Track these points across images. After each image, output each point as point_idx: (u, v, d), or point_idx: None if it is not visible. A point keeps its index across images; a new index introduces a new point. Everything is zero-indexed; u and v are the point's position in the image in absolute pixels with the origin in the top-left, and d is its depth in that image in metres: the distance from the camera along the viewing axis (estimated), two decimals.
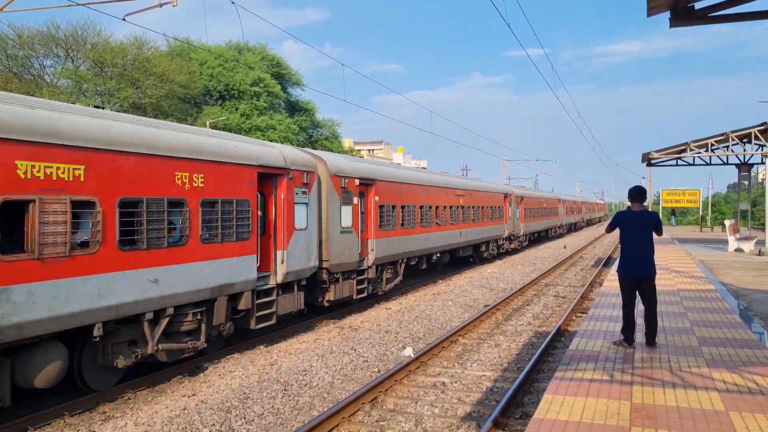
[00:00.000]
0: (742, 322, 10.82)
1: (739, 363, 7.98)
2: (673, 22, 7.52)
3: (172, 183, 9.89)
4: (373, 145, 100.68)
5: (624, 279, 8.96)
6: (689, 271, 19.19)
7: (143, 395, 9.75)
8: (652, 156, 33.72)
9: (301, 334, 14.04)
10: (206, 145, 10.79)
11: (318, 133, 54.72)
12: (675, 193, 53.67)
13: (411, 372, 10.65)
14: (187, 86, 41.40)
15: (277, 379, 10.03)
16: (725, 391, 6.74)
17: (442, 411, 8.78)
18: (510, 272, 25.90)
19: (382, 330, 13.87)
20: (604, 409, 6.11)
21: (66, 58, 38.51)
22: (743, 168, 34.10)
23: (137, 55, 39.45)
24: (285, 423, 8.32)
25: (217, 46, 48.73)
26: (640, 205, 9.03)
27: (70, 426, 8.38)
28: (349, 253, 15.62)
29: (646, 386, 6.90)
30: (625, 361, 8.13)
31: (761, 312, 12.49)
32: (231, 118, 43.05)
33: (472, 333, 14.00)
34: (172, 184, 9.89)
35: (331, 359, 11.35)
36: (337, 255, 15.04)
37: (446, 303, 17.66)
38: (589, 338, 9.53)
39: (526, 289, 20.75)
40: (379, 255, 17.51)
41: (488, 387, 9.91)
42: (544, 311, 16.86)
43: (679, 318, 11.16)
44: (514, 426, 8.05)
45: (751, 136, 30.84)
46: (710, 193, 76.46)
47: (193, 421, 8.07)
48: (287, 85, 52.33)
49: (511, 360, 11.59)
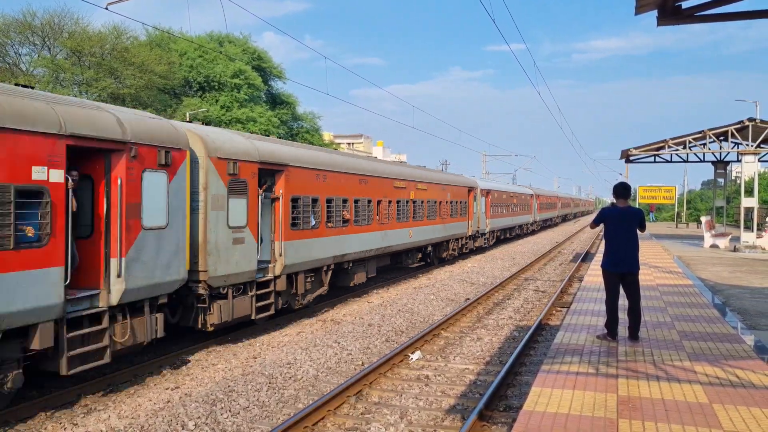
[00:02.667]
0: (720, 317, 11.01)
1: (720, 356, 8.12)
2: (660, 20, 7.57)
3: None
4: (353, 139, 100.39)
5: (609, 273, 9.06)
6: (667, 266, 19.47)
7: (125, 388, 9.65)
8: (631, 152, 34.09)
9: (284, 328, 13.99)
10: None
11: (299, 126, 54.45)
12: (651, 190, 54.31)
13: (395, 365, 10.68)
14: (167, 77, 40.90)
15: (261, 372, 9.99)
16: (708, 384, 6.86)
17: (427, 404, 8.82)
18: (490, 266, 26.06)
19: (365, 323, 13.88)
20: (592, 402, 6.18)
21: (42, 47, 37.83)
22: (719, 165, 34.63)
23: (116, 44, 38.84)
24: (271, 416, 8.30)
25: (198, 36, 48.22)
26: (624, 201, 9.14)
27: (52, 419, 8.28)
28: (241, 261, 11.95)
29: (631, 379, 7.00)
30: (610, 354, 8.23)
31: (738, 307, 12.71)
32: (211, 110, 42.66)
33: (454, 327, 14.06)
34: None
35: (315, 352, 11.34)
36: (221, 263, 11.42)
37: (428, 297, 17.72)
38: (573, 332, 9.63)
39: (506, 284, 20.89)
40: (291, 261, 13.80)
41: (472, 380, 9.97)
42: (524, 305, 16.99)
43: (660, 312, 11.32)
44: (498, 418, 8.11)
45: (728, 134, 31.30)
46: (685, 189, 77.65)
47: (178, 414, 8.01)
48: (268, 77, 51.97)
49: (494, 353, 11.67)
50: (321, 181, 15.39)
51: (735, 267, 20.28)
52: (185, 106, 41.91)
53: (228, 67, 45.06)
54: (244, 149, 12.30)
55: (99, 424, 7.76)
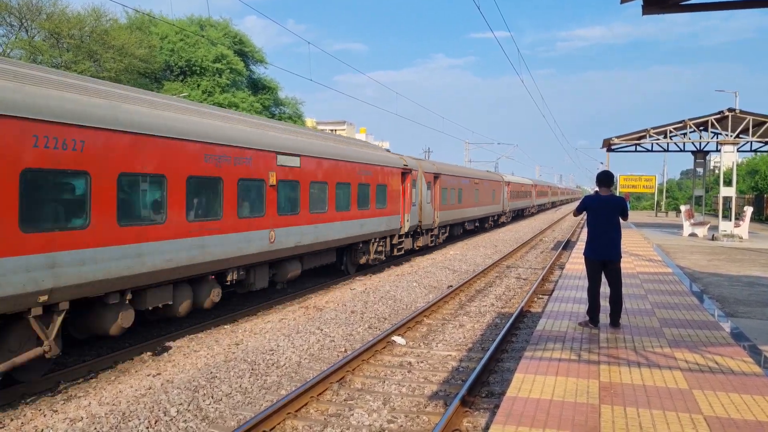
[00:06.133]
0: (699, 304, 11.15)
1: (699, 343, 8.23)
2: (645, 9, 7.57)
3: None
4: (336, 125, 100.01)
5: (590, 261, 9.12)
6: (647, 254, 19.67)
7: (105, 375, 9.57)
8: (613, 141, 34.29)
9: (265, 314, 13.94)
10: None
11: (281, 112, 54.10)
12: (632, 179, 54.71)
13: (378, 352, 10.69)
14: (147, 60, 40.40)
15: (243, 359, 9.95)
16: (687, 370, 6.95)
17: (410, 390, 8.85)
18: (472, 254, 26.16)
19: (347, 310, 13.87)
20: (574, 388, 6.23)
21: (20, 28, 37.12)
22: (699, 155, 34.96)
23: (95, 26, 38.24)
24: (253, 402, 8.28)
25: (178, 20, 47.60)
26: (607, 189, 9.19)
27: (31, 405, 8.19)
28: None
29: (612, 365, 7.07)
30: (591, 341, 8.31)
31: (717, 294, 12.88)
32: (192, 95, 42.20)
33: (437, 314, 14.11)
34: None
35: (297, 339, 11.31)
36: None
37: (411, 284, 17.74)
38: (555, 319, 9.70)
39: (488, 271, 20.98)
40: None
41: (454, 366, 10.01)
42: (506, 293, 17.09)
43: (640, 300, 11.43)
44: (480, 404, 8.15)
45: (708, 124, 31.59)
46: (665, 179, 78.45)
47: (160, 401, 7.95)
48: (250, 62, 51.51)
49: (476, 340, 11.72)
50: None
51: (713, 255, 20.54)
52: (166, 90, 41.42)
53: (210, 51, 44.60)
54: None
55: (80, 411, 7.68)
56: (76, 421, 7.35)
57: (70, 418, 7.45)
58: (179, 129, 10.87)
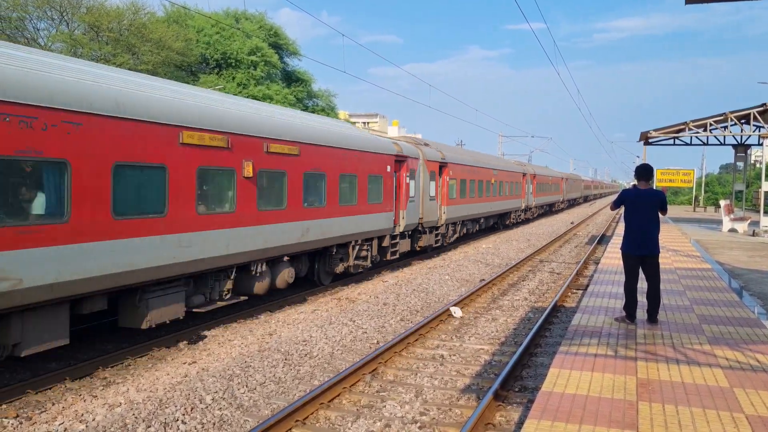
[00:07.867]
0: (740, 301, 10.89)
1: (739, 341, 8.04)
2: None
3: None
4: (368, 118, 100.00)
5: (628, 256, 8.97)
6: (685, 249, 19.29)
7: (143, 362, 9.75)
8: (650, 135, 33.66)
9: (298, 306, 14.04)
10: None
11: (314, 104, 54.28)
12: (669, 173, 53.70)
13: (410, 344, 10.69)
14: (184, 54, 40.84)
15: (277, 349, 10.04)
16: (728, 368, 6.79)
17: (442, 383, 8.82)
18: (505, 248, 25.96)
19: (380, 302, 13.89)
20: (611, 384, 6.14)
21: (60, 21, 37.85)
22: (740, 149, 34.13)
23: (133, 20, 38.80)
24: (287, 392, 8.35)
25: (214, 13, 48.04)
26: (646, 183, 9.00)
27: (71, 390, 8.38)
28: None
29: (650, 362, 6.95)
30: (628, 337, 8.17)
31: (758, 292, 12.57)
32: (228, 87, 42.59)
33: (469, 307, 14.04)
34: None
35: (330, 330, 11.37)
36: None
37: (443, 277, 17.69)
38: (591, 314, 9.57)
39: (521, 265, 20.81)
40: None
41: (486, 360, 9.95)
42: (539, 287, 16.93)
43: (678, 296, 11.22)
44: (513, 399, 8.09)
45: (750, 117, 30.80)
46: (704, 173, 76.76)
47: (196, 388, 8.07)
48: (284, 54, 51.75)
49: (509, 334, 11.64)
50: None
51: (754, 251, 20.05)
52: (202, 83, 41.86)
53: (245, 44, 44.90)
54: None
55: (118, 397, 7.84)
56: (114, 406, 7.50)
57: (108, 403, 7.61)
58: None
